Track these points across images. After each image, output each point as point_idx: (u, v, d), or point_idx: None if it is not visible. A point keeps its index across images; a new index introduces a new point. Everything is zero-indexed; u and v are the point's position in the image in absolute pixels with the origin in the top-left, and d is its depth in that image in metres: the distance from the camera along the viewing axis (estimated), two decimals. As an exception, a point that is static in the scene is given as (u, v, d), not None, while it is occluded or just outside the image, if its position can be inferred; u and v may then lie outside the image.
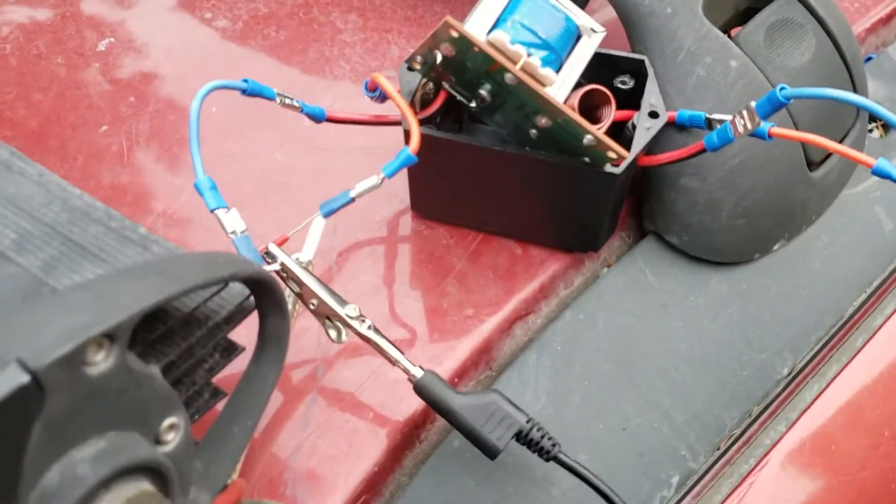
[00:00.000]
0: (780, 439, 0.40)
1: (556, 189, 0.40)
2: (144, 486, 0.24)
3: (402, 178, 0.45)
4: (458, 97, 0.39)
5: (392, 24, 0.55)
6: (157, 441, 0.26)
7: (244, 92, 0.39)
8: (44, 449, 0.23)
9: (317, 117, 0.41)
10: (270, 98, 0.39)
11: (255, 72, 0.52)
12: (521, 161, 0.39)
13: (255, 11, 0.56)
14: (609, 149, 0.36)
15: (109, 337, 0.23)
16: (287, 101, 0.40)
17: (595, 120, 0.38)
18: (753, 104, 0.35)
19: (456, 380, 0.39)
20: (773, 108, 0.34)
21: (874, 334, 0.44)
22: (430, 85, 0.42)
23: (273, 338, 0.31)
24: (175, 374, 0.29)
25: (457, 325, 0.40)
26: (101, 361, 0.23)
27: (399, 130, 0.41)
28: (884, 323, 0.45)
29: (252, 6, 0.56)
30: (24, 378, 0.21)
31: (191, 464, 0.28)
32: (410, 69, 0.39)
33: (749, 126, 0.35)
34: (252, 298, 0.30)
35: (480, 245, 0.43)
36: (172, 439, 0.26)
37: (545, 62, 0.36)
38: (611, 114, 0.37)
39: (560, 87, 0.36)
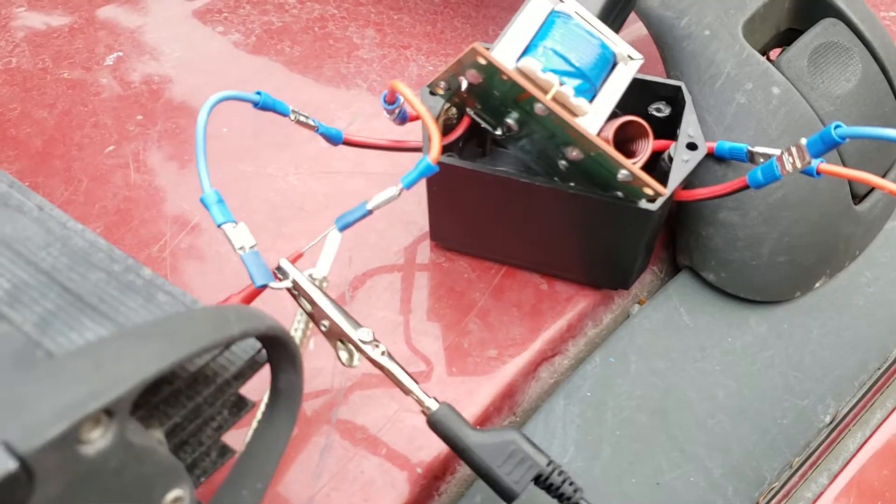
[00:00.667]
0: (822, 493, 0.38)
1: (585, 223, 0.37)
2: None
3: (422, 205, 0.43)
4: (483, 124, 0.37)
5: (411, 39, 0.53)
6: (160, 516, 0.24)
7: (256, 105, 0.36)
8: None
9: (333, 139, 0.39)
10: (284, 114, 0.37)
11: (267, 88, 0.50)
12: (549, 194, 0.36)
13: (268, 25, 0.54)
14: (645, 185, 0.33)
15: (108, 412, 0.21)
16: (302, 118, 0.37)
17: (630, 153, 0.35)
18: (804, 141, 0.32)
19: (477, 427, 0.36)
20: (826, 147, 0.31)
21: (921, 377, 0.42)
22: (453, 110, 0.39)
23: (285, 393, 0.29)
24: (180, 436, 0.27)
25: (479, 366, 0.38)
26: (97, 439, 0.21)
27: (416, 157, 0.39)
28: (931, 365, 0.42)
29: (265, 20, 0.54)
30: (12, 465, 0.19)
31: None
32: (433, 93, 0.37)
33: (798, 164, 0.33)
34: (264, 352, 0.27)
35: (504, 279, 0.41)
36: (176, 514, 0.24)
37: (578, 91, 0.34)
38: (648, 147, 0.35)
39: (594, 117, 0.34)
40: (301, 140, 0.46)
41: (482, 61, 0.32)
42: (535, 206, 0.37)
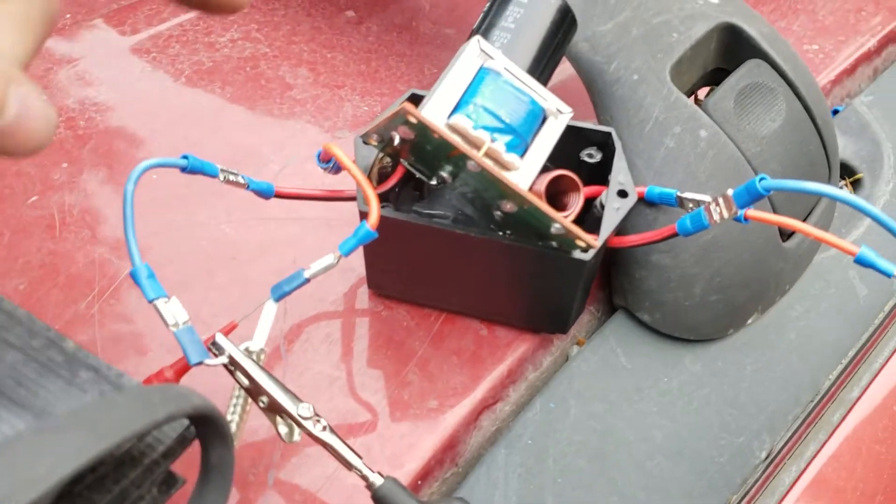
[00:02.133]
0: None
1: (522, 272, 0.38)
2: None
3: (359, 252, 0.42)
4: (418, 174, 0.37)
5: (345, 79, 0.52)
6: None
7: (184, 170, 0.36)
8: None
9: (264, 194, 0.38)
10: (213, 175, 0.36)
11: (198, 132, 0.49)
12: (484, 244, 0.36)
13: (198, 65, 0.53)
14: (577, 237, 0.33)
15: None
16: (231, 177, 0.37)
17: (563, 205, 0.35)
18: (731, 192, 0.33)
19: (419, 482, 0.36)
20: (751, 198, 0.32)
21: (851, 408, 0.43)
22: (388, 157, 0.39)
23: (217, 469, 0.28)
24: (107, 522, 0.26)
25: (419, 418, 0.38)
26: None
27: (354, 205, 0.39)
28: (860, 395, 0.43)
29: (195, 59, 0.53)
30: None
31: None
32: (366, 143, 0.37)
33: (726, 214, 0.33)
34: (193, 429, 0.27)
35: (443, 326, 0.41)
36: None
37: (510, 147, 0.34)
38: (579, 201, 0.35)
39: (525, 172, 0.34)
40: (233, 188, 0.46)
41: (413, 120, 0.32)
42: (471, 255, 0.37)
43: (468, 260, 0.38)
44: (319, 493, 0.35)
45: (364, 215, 0.35)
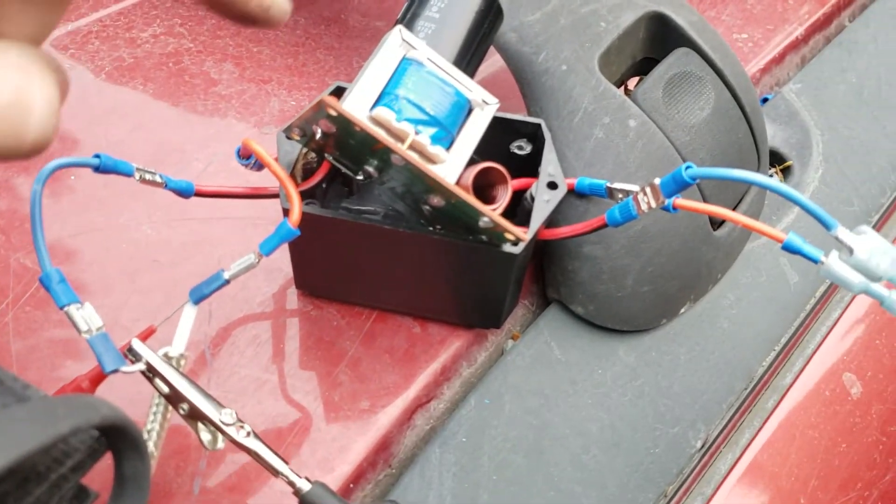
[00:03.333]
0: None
1: (453, 267, 0.37)
2: None
3: (286, 251, 0.41)
4: (343, 170, 0.36)
5: (272, 73, 0.51)
6: None
7: (96, 169, 0.34)
8: None
9: (184, 193, 0.37)
10: (128, 174, 0.35)
11: (119, 131, 0.47)
12: (414, 239, 0.35)
13: (119, 61, 0.51)
14: (506, 230, 0.33)
15: None
16: (148, 176, 0.35)
17: (491, 198, 0.35)
18: (658, 181, 0.32)
19: (351, 485, 0.35)
20: (678, 187, 0.32)
21: (785, 394, 0.43)
22: (308, 155, 0.38)
23: (131, 481, 0.27)
24: (12, 542, 0.24)
25: (351, 420, 0.37)
26: None
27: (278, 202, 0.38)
28: (794, 381, 0.44)
29: (116, 55, 0.51)
30: None
31: None
32: (289, 138, 0.35)
33: (653, 204, 0.33)
34: (104, 440, 0.25)
35: (375, 324, 0.40)
36: None
37: (435, 139, 0.33)
38: (507, 193, 0.34)
39: (452, 165, 0.33)
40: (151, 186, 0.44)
41: (333, 113, 0.31)
42: (401, 250, 0.37)
43: (398, 256, 0.37)
44: (248, 501, 0.34)
45: (287, 213, 0.34)
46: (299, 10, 0.56)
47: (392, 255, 0.37)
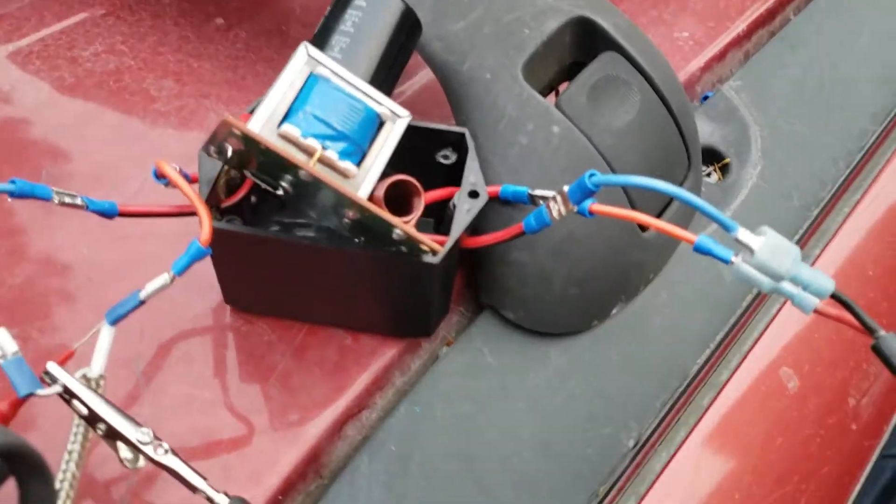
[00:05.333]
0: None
1: (378, 278, 0.37)
2: None
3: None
4: (264, 185, 0.36)
5: (211, 88, 0.51)
6: None
7: (12, 195, 0.34)
8: None
9: (107, 213, 0.37)
10: (46, 198, 0.35)
11: (60, 151, 0.48)
12: (337, 254, 0.36)
13: (60, 81, 0.51)
14: (420, 242, 0.33)
15: None
16: (68, 199, 0.36)
17: (408, 210, 0.35)
18: (566, 189, 0.33)
19: (280, 497, 0.36)
20: (583, 194, 0.32)
21: (721, 390, 0.44)
22: (231, 172, 0.38)
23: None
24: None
25: (280, 432, 0.37)
26: None
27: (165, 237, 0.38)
28: (730, 377, 0.44)
29: (56, 75, 0.52)
30: None
31: None
32: (210, 155, 0.36)
33: (563, 211, 0.33)
34: (3, 468, 0.26)
35: (306, 338, 0.40)
36: None
37: (343, 154, 0.33)
38: (420, 205, 0.35)
39: (364, 179, 0.34)
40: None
41: (237, 132, 0.31)
42: (326, 265, 0.37)
43: (324, 270, 0.37)
44: (173, 520, 0.34)
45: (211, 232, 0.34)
46: (241, 23, 0.56)
47: (317, 269, 0.37)
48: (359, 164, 0.34)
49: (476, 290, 0.43)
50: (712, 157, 0.52)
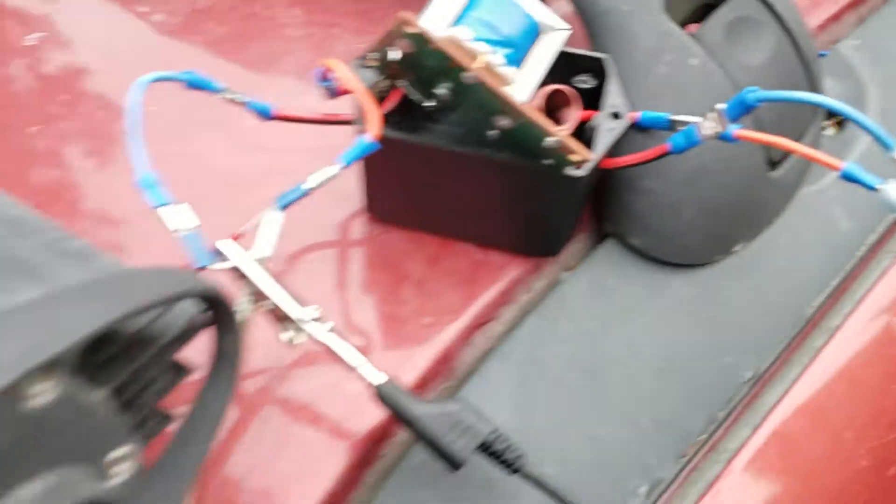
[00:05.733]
0: (744, 444, 0.40)
1: (516, 192, 0.39)
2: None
3: (356, 179, 0.43)
4: (414, 96, 0.38)
5: (337, 18, 0.53)
6: (106, 474, 0.24)
7: (188, 84, 0.36)
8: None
9: (262, 113, 0.39)
10: (214, 91, 0.37)
11: (194, 68, 0.50)
12: (480, 163, 0.37)
13: (193, 5, 0.53)
14: (572, 152, 0.34)
15: (52, 366, 0.21)
16: (229, 95, 0.38)
17: (558, 121, 0.36)
18: (722, 106, 0.34)
19: (416, 391, 0.37)
20: (741, 110, 0.33)
21: (833, 335, 0.44)
22: (384, 83, 0.40)
23: (225, 356, 0.29)
24: (124, 398, 0.27)
25: (415, 333, 0.39)
26: (42, 393, 0.21)
27: (348, 130, 0.39)
28: (842, 323, 0.45)
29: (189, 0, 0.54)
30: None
31: (142, 494, 0.26)
32: (365, 66, 0.37)
33: (718, 129, 0.34)
34: (202, 316, 0.28)
35: (439, 250, 0.42)
36: (121, 471, 0.24)
37: (508, 60, 0.34)
38: (575, 115, 0.36)
39: (522, 86, 0.35)
40: (230, 118, 0.46)
41: (411, 30, 0.33)
42: (468, 176, 0.38)
43: (463, 180, 0.39)
44: (321, 401, 0.36)
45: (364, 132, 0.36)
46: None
47: (458, 180, 0.39)
48: (518, 71, 0.35)
49: (599, 220, 0.44)
50: (830, 111, 0.53)
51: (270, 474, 0.34)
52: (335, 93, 0.40)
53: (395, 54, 0.35)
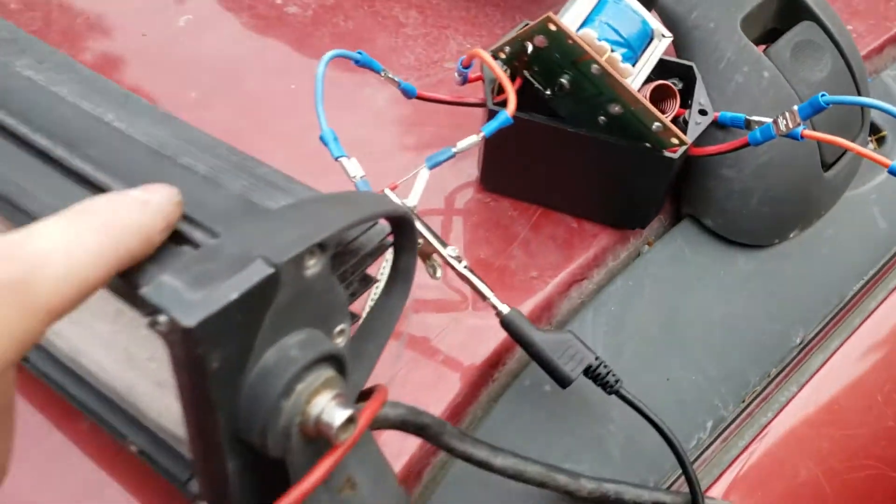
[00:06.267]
0: (792, 398, 0.47)
1: (615, 170, 0.46)
2: (331, 372, 0.30)
3: (469, 158, 0.51)
4: (536, 84, 0.45)
5: (449, 21, 0.61)
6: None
7: (357, 62, 0.44)
8: (268, 333, 0.28)
9: (409, 93, 0.47)
10: (377, 70, 0.45)
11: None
12: (588, 143, 0.45)
13: (322, 1, 0.61)
14: (674, 135, 0.42)
15: (321, 247, 0.28)
16: (389, 75, 0.45)
17: (661, 111, 0.44)
18: (796, 107, 0.41)
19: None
20: (813, 111, 0.41)
21: (869, 315, 0.51)
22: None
23: (403, 272, 0.36)
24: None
25: (523, 284, 0.46)
26: (312, 266, 0.29)
27: (464, 114, 0.47)
28: (877, 307, 0.52)
29: (321, -4, 0.62)
30: (269, 271, 0.26)
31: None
32: (496, 57, 0.45)
33: (790, 125, 0.42)
34: (390, 238, 0.35)
35: (540, 218, 0.49)
36: (341, 342, 0.32)
37: (625, 58, 0.42)
38: (675, 106, 0.44)
39: (634, 80, 0.43)
40: (364, 98, 0.54)
41: (552, 28, 0.40)
42: (574, 154, 0.46)
43: (571, 159, 0.46)
44: (447, 331, 0.43)
45: (492, 114, 0.43)
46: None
47: (565, 157, 0.46)
48: (633, 67, 0.43)
49: (678, 202, 0.52)
50: (871, 128, 0.60)
51: (407, 385, 0.42)
52: (466, 80, 0.48)
53: (530, 47, 0.42)
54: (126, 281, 0.27)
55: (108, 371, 0.34)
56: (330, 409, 0.29)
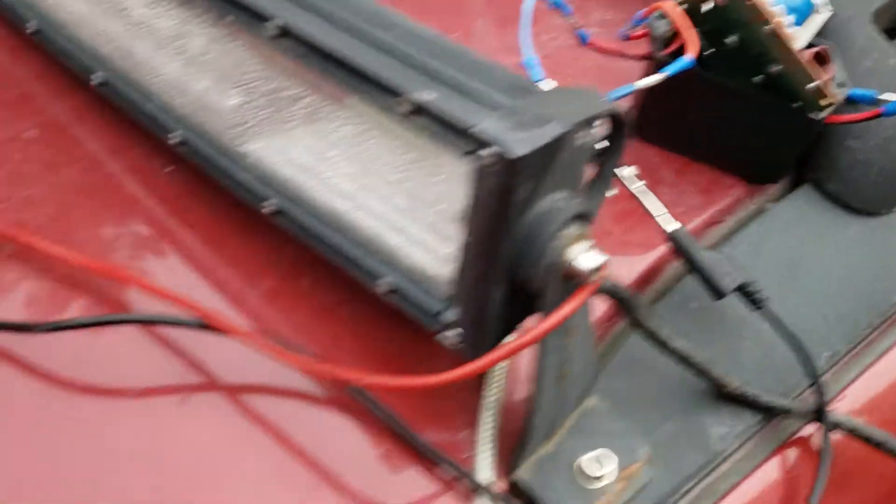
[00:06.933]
0: (892, 346, 0.53)
1: (761, 126, 0.52)
2: (586, 226, 0.36)
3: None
4: (704, 40, 0.51)
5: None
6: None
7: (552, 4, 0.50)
8: (547, 183, 0.34)
9: (583, 40, 0.53)
10: (565, 14, 0.51)
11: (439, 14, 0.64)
12: (742, 99, 0.51)
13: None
14: (825, 96, 0.48)
15: (587, 122, 0.34)
16: (573, 20, 0.52)
17: (814, 75, 0.50)
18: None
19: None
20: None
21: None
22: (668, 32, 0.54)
23: (604, 174, 0.42)
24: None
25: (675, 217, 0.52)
26: (581, 138, 0.34)
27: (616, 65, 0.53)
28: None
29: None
30: (560, 130, 0.32)
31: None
32: (660, 17, 0.51)
33: (924, 100, 0.48)
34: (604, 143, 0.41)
35: (684, 166, 0.55)
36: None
37: (792, 25, 0.48)
38: (832, 71, 0.50)
39: (797, 44, 0.49)
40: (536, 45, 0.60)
41: (739, -10, 0.47)
42: (728, 108, 0.52)
43: (723, 112, 0.52)
44: (614, 244, 0.49)
45: (660, 64, 0.49)
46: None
47: (717, 111, 0.52)
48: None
49: (801, 167, 0.58)
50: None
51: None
52: (627, 37, 0.54)
53: (707, 6, 0.48)
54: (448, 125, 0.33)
55: (382, 218, 0.39)
56: (585, 255, 0.34)
